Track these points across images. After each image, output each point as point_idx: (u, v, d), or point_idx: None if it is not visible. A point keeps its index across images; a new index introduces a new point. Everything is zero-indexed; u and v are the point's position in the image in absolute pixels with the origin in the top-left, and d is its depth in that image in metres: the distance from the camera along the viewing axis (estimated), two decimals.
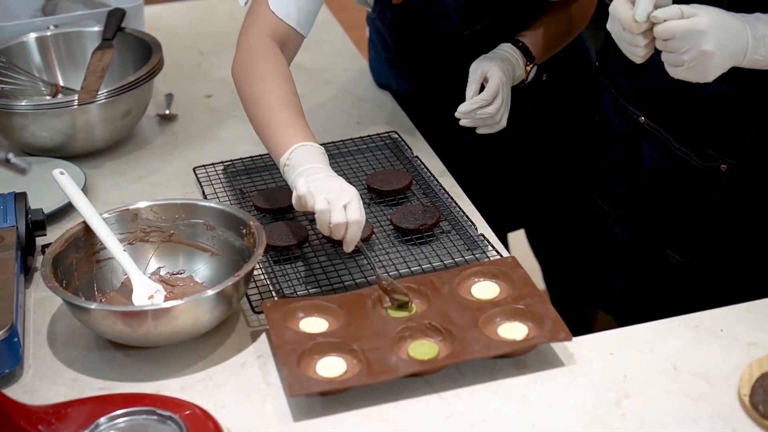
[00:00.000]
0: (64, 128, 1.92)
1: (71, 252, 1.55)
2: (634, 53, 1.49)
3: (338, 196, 1.50)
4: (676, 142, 1.70)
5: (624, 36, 1.48)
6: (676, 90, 1.66)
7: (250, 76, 1.70)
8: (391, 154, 1.92)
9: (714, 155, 1.66)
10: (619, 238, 1.89)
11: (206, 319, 1.46)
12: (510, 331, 1.45)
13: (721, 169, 1.66)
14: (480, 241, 1.65)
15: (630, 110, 1.77)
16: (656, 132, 1.73)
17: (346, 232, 1.51)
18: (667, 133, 1.71)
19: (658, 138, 1.73)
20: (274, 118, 1.64)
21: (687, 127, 1.68)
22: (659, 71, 1.65)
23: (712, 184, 1.69)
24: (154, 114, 2.13)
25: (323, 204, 1.49)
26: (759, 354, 1.41)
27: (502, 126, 1.80)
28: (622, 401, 1.36)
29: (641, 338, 1.47)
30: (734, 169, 1.65)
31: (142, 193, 1.87)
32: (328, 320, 1.49)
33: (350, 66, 2.34)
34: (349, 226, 1.50)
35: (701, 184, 1.70)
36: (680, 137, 1.70)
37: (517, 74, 1.84)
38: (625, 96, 1.78)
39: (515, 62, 1.84)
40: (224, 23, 2.56)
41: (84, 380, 1.45)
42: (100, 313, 1.44)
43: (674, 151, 1.71)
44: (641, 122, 1.75)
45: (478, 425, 1.33)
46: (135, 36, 2.11)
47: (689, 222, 1.75)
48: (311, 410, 1.37)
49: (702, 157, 1.68)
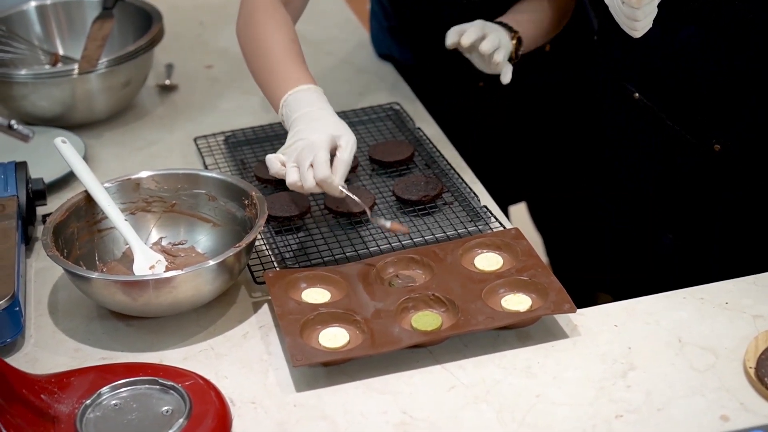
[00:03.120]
0: (64, 98, 1.90)
1: (72, 221, 1.54)
2: (632, 27, 1.48)
3: (304, 158, 1.48)
4: (669, 120, 1.69)
5: (623, 9, 1.46)
6: (671, 67, 1.65)
7: (251, 29, 1.67)
8: (393, 126, 1.91)
9: (707, 135, 1.65)
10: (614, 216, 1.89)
11: (207, 289, 1.45)
12: (514, 303, 1.44)
13: (715, 149, 1.65)
14: (483, 212, 1.64)
15: (626, 87, 1.76)
16: (650, 109, 1.72)
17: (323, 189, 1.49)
18: (660, 111, 1.70)
19: (651, 115, 1.72)
20: (270, 67, 1.62)
21: (681, 105, 1.67)
22: (656, 48, 1.64)
23: (705, 164, 1.68)
24: (154, 84, 2.12)
25: (293, 176, 1.47)
26: (765, 327, 1.41)
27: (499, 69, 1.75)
28: (628, 373, 1.35)
29: (646, 310, 1.46)
30: (727, 149, 1.64)
31: (142, 164, 1.85)
32: (330, 291, 1.48)
33: (351, 37, 2.32)
34: (323, 185, 1.48)
35: (694, 162, 1.69)
36: (673, 116, 1.69)
37: (503, 43, 1.76)
38: (622, 73, 1.77)
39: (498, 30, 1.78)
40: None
41: (85, 350, 1.44)
42: (100, 282, 1.43)
43: (667, 130, 1.70)
44: (635, 98, 1.74)
45: (482, 396, 1.32)
46: (135, 5, 2.09)
47: (682, 201, 1.75)
48: (314, 380, 1.36)
49: (695, 137, 1.67)
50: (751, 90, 1.59)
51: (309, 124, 1.53)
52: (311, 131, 1.51)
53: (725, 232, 1.73)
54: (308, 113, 1.55)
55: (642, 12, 1.45)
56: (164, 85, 2.11)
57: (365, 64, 2.20)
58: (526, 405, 1.31)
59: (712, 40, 1.58)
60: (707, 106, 1.64)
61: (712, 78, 1.61)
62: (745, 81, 1.59)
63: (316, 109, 1.55)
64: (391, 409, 1.31)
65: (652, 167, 1.75)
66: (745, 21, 1.53)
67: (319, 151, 1.47)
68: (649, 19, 1.47)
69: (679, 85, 1.66)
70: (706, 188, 1.70)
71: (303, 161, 1.48)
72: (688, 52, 1.62)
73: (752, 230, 1.72)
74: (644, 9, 1.44)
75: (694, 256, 1.77)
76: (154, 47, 1.98)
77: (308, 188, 1.47)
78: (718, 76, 1.60)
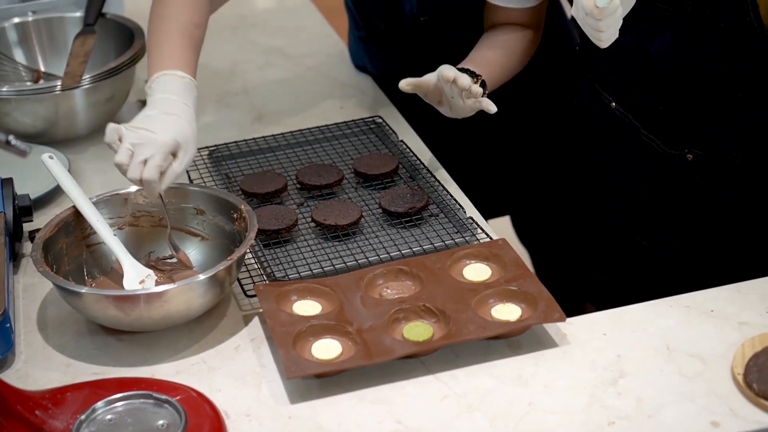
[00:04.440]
0: (47, 114, 1.90)
1: (61, 237, 1.54)
2: (597, 38, 1.50)
3: (142, 148, 1.48)
4: (644, 129, 1.72)
5: (587, 21, 1.49)
6: (646, 75, 1.67)
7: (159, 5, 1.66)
8: (377, 139, 1.92)
9: (680, 145, 1.68)
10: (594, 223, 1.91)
11: (199, 303, 1.46)
12: (503, 313, 1.46)
13: (687, 158, 1.67)
14: (469, 223, 1.66)
15: (603, 96, 1.78)
16: (625, 118, 1.74)
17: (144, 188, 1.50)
18: (635, 120, 1.73)
19: (627, 124, 1.74)
20: (153, 43, 1.62)
21: (654, 115, 1.70)
22: (632, 56, 1.67)
23: (678, 173, 1.70)
24: (135, 99, 2.12)
25: (122, 157, 1.48)
26: (751, 333, 1.43)
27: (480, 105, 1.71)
28: (618, 380, 1.36)
29: (633, 318, 1.48)
30: (700, 159, 1.67)
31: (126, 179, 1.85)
32: (321, 303, 1.49)
33: (331, 51, 2.33)
34: (144, 184, 1.49)
35: (667, 172, 1.71)
36: (648, 125, 1.71)
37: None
38: (600, 81, 1.79)
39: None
40: None
41: (77, 365, 1.44)
42: (92, 297, 1.43)
43: (642, 138, 1.72)
44: (612, 108, 1.76)
45: (475, 406, 1.34)
46: (116, 21, 2.09)
47: (657, 208, 1.77)
48: (307, 392, 1.37)
49: (669, 146, 1.69)
50: (723, 99, 1.62)
51: (164, 116, 1.53)
52: (162, 127, 1.51)
53: (703, 238, 1.75)
54: (169, 100, 1.55)
55: (605, 23, 1.47)
56: (145, 100, 2.10)
57: (345, 77, 2.21)
58: (519, 413, 1.32)
59: (685, 49, 1.61)
60: (680, 116, 1.66)
61: (685, 87, 1.63)
62: (717, 90, 1.61)
63: (179, 102, 1.55)
64: (386, 420, 1.32)
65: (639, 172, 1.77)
66: (717, 30, 1.56)
67: (157, 154, 1.48)
68: (614, 29, 1.49)
69: (653, 95, 1.68)
70: (680, 195, 1.72)
71: (139, 153, 1.48)
72: (662, 61, 1.64)
73: (730, 238, 1.74)
74: (607, 20, 1.47)
75: (668, 262, 1.80)
76: (137, 63, 1.99)
77: (130, 177, 1.48)
78: (691, 86, 1.63)
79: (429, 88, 1.71)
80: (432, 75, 1.70)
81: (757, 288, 1.52)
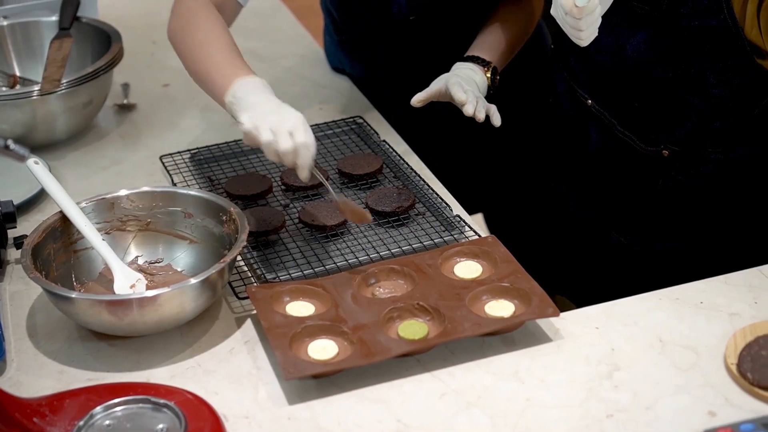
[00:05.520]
0: (25, 119, 1.88)
1: (49, 243, 1.53)
2: (578, 37, 1.52)
3: (282, 124, 1.49)
4: (620, 126, 1.73)
5: (567, 20, 1.50)
6: (622, 73, 1.69)
7: (187, 31, 1.69)
8: (359, 139, 1.92)
9: (656, 140, 1.69)
10: (569, 219, 1.92)
11: (191, 306, 1.45)
12: (497, 309, 1.46)
13: (663, 154, 1.69)
14: (456, 221, 1.66)
15: (579, 93, 1.80)
16: (601, 115, 1.76)
17: (297, 156, 1.49)
18: (611, 117, 1.74)
19: (603, 121, 1.76)
20: (212, 61, 1.62)
21: (630, 111, 1.71)
22: (608, 54, 1.69)
23: (654, 169, 1.72)
24: (112, 104, 2.10)
25: (268, 135, 1.48)
26: (741, 324, 1.45)
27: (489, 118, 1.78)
28: (614, 374, 1.38)
29: (625, 312, 1.49)
30: (675, 155, 1.69)
31: (108, 183, 1.84)
32: (314, 304, 1.49)
33: (306, 52, 2.33)
34: (298, 150, 1.49)
35: (644, 168, 1.73)
36: (624, 121, 1.73)
37: (478, 80, 1.80)
38: (576, 79, 1.81)
39: (471, 72, 1.81)
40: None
41: (70, 372, 1.43)
42: (85, 302, 1.42)
43: (618, 135, 1.74)
44: (588, 105, 1.77)
45: (473, 402, 1.34)
46: (92, 25, 2.08)
47: (633, 205, 1.79)
48: (305, 393, 1.37)
49: (644, 142, 1.71)
50: (698, 96, 1.63)
51: (277, 104, 1.53)
52: (285, 108, 1.52)
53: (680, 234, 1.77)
54: (264, 95, 1.55)
55: (584, 22, 1.48)
56: (123, 104, 2.10)
57: (322, 78, 2.21)
58: (518, 409, 1.33)
59: (660, 47, 1.63)
60: (655, 113, 1.68)
61: (661, 85, 1.65)
62: (692, 87, 1.63)
63: (271, 95, 1.56)
64: (386, 418, 1.32)
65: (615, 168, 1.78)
66: (692, 28, 1.58)
67: (299, 122, 1.49)
68: (594, 28, 1.51)
69: (629, 92, 1.70)
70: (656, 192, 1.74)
71: (281, 128, 1.48)
72: (637, 59, 1.66)
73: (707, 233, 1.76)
74: (586, 19, 1.48)
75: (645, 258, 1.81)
76: (115, 66, 1.97)
77: (284, 148, 1.47)
78: (666, 84, 1.64)
79: (439, 95, 1.77)
80: (439, 82, 1.76)
81: (744, 279, 1.54)
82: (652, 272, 1.81)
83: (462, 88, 1.72)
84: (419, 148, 1.99)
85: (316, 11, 2.21)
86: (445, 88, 1.75)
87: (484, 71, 1.80)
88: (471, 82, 1.77)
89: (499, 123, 1.73)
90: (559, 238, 1.98)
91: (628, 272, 1.84)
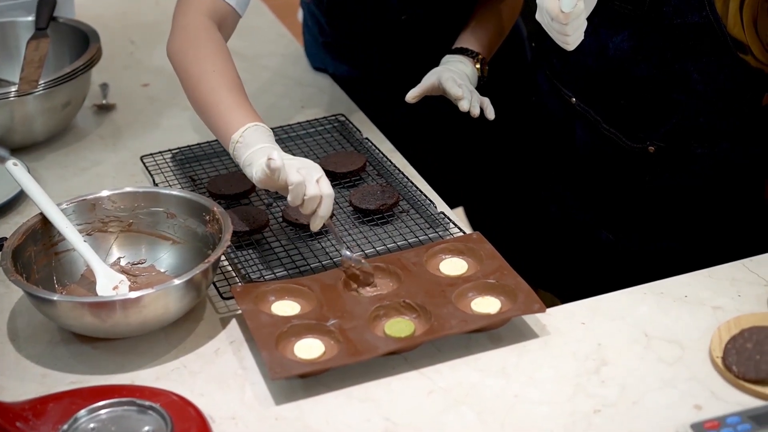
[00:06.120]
0: (3, 120, 1.86)
1: (29, 245, 1.51)
2: (564, 42, 1.51)
3: (310, 170, 1.49)
4: (605, 123, 1.73)
5: (553, 26, 1.50)
6: (605, 72, 1.69)
7: (191, 56, 1.66)
8: (341, 137, 1.92)
9: (641, 137, 1.70)
10: (555, 216, 1.92)
11: (176, 307, 1.44)
12: (483, 306, 1.46)
13: (649, 150, 1.69)
14: (441, 218, 1.66)
15: (563, 91, 1.80)
16: (586, 113, 1.76)
17: (319, 206, 1.49)
18: (596, 115, 1.74)
19: (588, 119, 1.76)
20: (220, 98, 1.60)
21: (615, 108, 1.71)
22: (590, 54, 1.69)
23: (640, 166, 1.72)
24: (91, 104, 2.09)
25: (298, 176, 1.47)
26: (725, 317, 1.45)
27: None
28: (600, 369, 1.38)
29: (610, 307, 1.49)
30: (661, 151, 1.69)
31: (89, 184, 1.82)
32: (300, 303, 1.48)
33: (286, 51, 2.32)
34: (323, 200, 1.48)
35: (630, 165, 1.73)
36: (609, 119, 1.73)
37: (468, 73, 1.82)
38: (559, 77, 1.81)
39: (461, 64, 1.83)
40: (151, 13, 2.52)
41: (53, 375, 1.41)
42: (67, 305, 1.41)
43: (604, 132, 1.74)
44: (573, 103, 1.78)
45: (461, 399, 1.34)
46: (69, 25, 2.06)
47: (619, 201, 1.79)
48: (292, 393, 1.36)
49: (630, 139, 1.71)
50: (682, 93, 1.64)
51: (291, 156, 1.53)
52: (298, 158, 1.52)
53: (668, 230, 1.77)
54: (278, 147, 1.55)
55: (571, 27, 1.48)
56: (102, 104, 2.08)
57: (302, 76, 2.20)
58: (506, 405, 1.33)
59: (643, 46, 1.63)
60: (640, 110, 1.68)
61: (644, 83, 1.65)
62: (676, 85, 1.63)
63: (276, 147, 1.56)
64: (374, 417, 1.32)
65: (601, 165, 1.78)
66: (674, 27, 1.58)
67: (323, 174, 1.49)
68: (580, 32, 1.51)
69: (613, 89, 1.70)
70: (642, 188, 1.74)
71: (309, 174, 1.48)
72: (620, 57, 1.66)
73: (695, 229, 1.76)
74: (573, 23, 1.48)
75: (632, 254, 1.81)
76: (93, 66, 1.96)
77: (311, 194, 1.47)
78: (650, 81, 1.65)
79: (432, 89, 1.78)
80: (432, 77, 1.77)
81: (727, 273, 1.55)
82: (640, 268, 1.80)
83: (456, 83, 1.74)
84: (404, 145, 1.98)
85: (296, 10, 2.20)
86: (438, 82, 1.76)
87: (474, 62, 1.82)
88: (463, 75, 1.79)
89: (493, 116, 1.75)
90: (545, 234, 1.98)
91: (615, 268, 1.84)
